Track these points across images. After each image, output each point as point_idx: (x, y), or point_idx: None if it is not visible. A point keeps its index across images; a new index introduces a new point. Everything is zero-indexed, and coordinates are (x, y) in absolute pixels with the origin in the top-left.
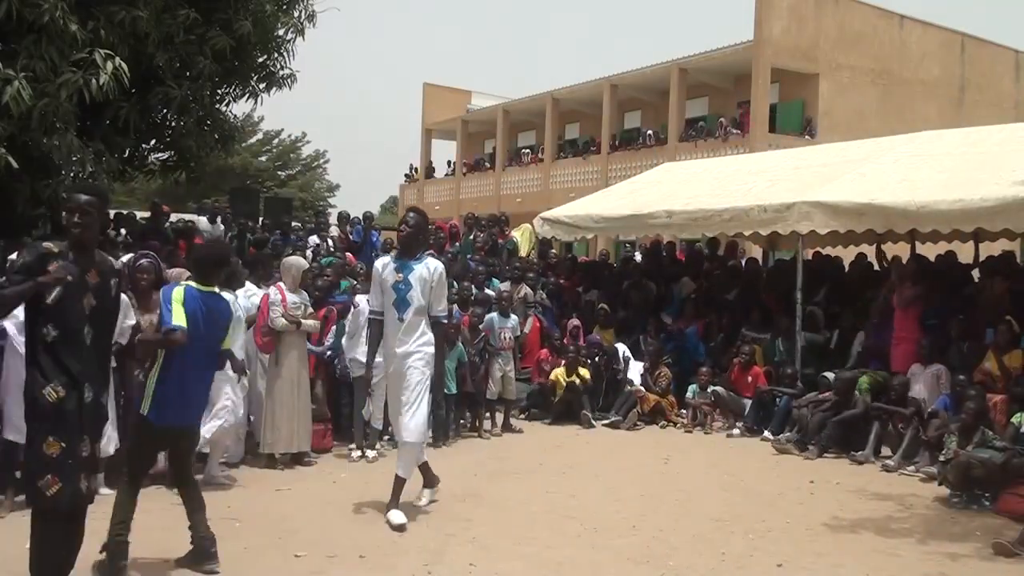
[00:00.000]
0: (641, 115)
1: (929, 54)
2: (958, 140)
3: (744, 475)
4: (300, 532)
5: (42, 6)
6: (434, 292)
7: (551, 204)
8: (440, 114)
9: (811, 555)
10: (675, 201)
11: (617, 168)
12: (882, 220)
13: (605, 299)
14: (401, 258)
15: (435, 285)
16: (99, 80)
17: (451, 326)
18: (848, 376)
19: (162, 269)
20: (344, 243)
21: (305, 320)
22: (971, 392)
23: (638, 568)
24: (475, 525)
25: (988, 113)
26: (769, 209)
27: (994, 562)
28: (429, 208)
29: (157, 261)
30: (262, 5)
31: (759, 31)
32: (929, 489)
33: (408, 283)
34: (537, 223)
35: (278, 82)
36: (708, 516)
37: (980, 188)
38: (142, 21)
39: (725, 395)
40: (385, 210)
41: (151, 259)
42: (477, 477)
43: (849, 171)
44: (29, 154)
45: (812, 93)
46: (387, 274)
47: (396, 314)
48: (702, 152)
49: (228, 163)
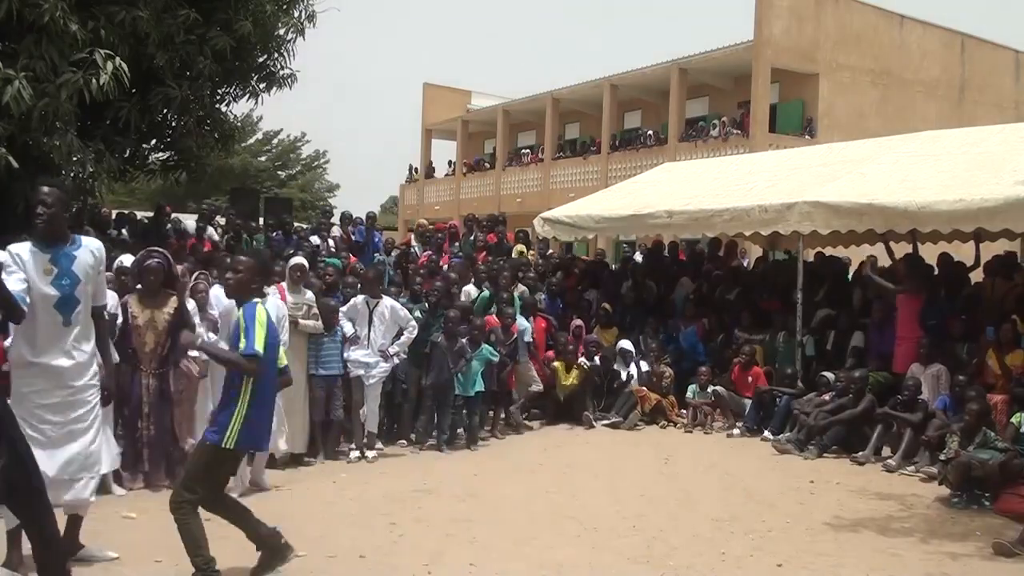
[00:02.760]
0: (641, 115)
1: (929, 54)
2: (958, 140)
3: (744, 475)
4: (300, 532)
5: (42, 6)
6: (100, 279)
7: (551, 204)
8: (440, 114)
9: (811, 555)
10: (675, 201)
11: (617, 168)
12: (882, 220)
13: (605, 299)
14: (50, 246)
15: (103, 270)
16: (99, 80)
17: (475, 327)
18: (859, 376)
19: (172, 267)
20: (347, 243)
21: (304, 320)
22: (972, 393)
23: (638, 568)
24: (475, 525)
25: (988, 113)
26: (770, 209)
27: (994, 562)
28: (429, 208)
29: (167, 259)
30: (262, 5)
31: (759, 31)
32: (929, 489)
33: (72, 275)
34: (537, 223)
35: (278, 82)
36: (708, 516)
37: (980, 188)
38: (142, 21)
39: (725, 395)
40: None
41: (159, 258)
42: (477, 477)
43: (849, 171)
44: (29, 154)
45: (812, 93)
46: (33, 270)
47: (60, 317)
48: (702, 152)
49: (228, 163)
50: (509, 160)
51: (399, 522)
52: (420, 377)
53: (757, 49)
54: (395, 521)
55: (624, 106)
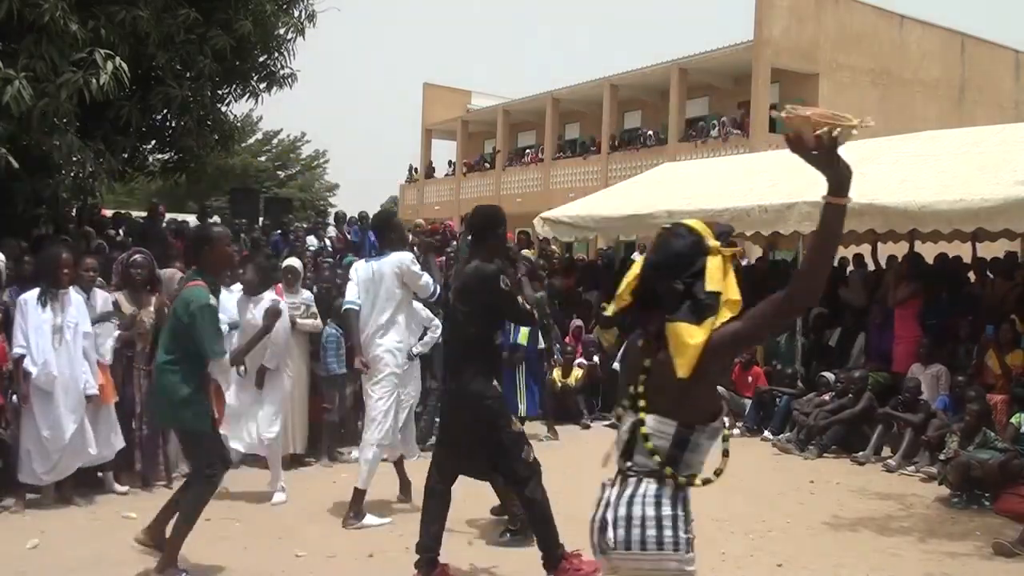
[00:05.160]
0: (641, 115)
1: (929, 54)
2: (958, 140)
3: (744, 475)
4: (300, 532)
5: (42, 6)
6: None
7: (551, 204)
8: (440, 114)
9: (811, 555)
10: (675, 201)
11: (617, 168)
12: (883, 220)
13: (605, 299)
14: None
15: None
16: (99, 80)
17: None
18: (859, 376)
19: (155, 267)
20: (342, 243)
21: (303, 320)
22: (972, 393)
23: None
24: (475, 525)
25: (988, 113)
26: (770, 209)
27: (994, 562)
28: (429, 208)
29: (150, 258)
30: (262, 5)
31: (759, 31)
32: (929, 489)
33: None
34: (537, 223)
35: (278, 82)
36: (708, 516)
37: (981, 188)
38: (142, 21)
39: (725, 395)
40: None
41: (144, 255)
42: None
43: None
44: (29, 154)
45: (812, 93)
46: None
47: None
48: (702, 152)
49: (228, 163)
50: (509, 160)
51: (399, 522)
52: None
53: (757, 49)
54: (395, 521)
55: (624, 106)
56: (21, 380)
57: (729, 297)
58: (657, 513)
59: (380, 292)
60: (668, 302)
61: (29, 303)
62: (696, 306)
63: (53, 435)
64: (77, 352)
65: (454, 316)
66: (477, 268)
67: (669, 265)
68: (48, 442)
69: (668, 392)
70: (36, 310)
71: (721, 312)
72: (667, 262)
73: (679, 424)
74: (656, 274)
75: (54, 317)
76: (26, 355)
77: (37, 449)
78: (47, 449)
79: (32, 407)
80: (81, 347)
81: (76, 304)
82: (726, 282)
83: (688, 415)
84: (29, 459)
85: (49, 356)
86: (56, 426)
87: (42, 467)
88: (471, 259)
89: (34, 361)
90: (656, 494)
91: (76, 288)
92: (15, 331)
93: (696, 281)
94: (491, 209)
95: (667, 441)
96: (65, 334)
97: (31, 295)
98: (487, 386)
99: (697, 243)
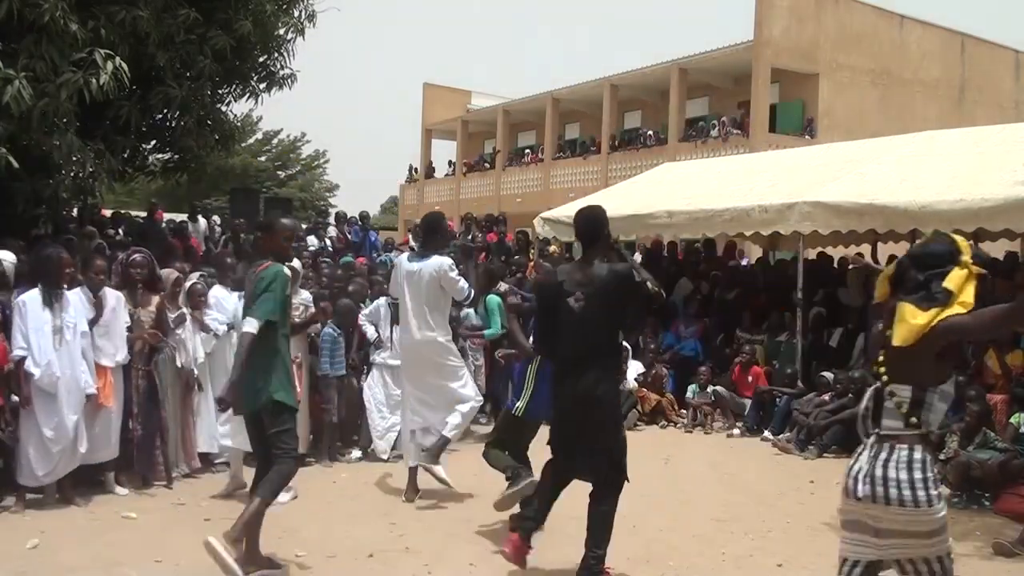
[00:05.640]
0: (641, 115)
1: (929, 54)
2: (958, 140)
3: (744, 475)
4: (300, 532)
5: (42, 6)
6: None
7: (551, 204)
8: (440, 114)
9: (811, 555)
10: (675, 201)
11: (617, 168)
12: (883, 220)
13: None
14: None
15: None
16: (99, 80)
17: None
18: (858, 376)
19: (155, 266)
20: (343, 243)
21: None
22: (972, 393)
23: (638, 568)
24: (475, 525)
25: (988, 113)
26: (770, 209)
27: (994, 562)
28: (429, 208)
29: (150, 258)
30: (262, 5)
31: (759, 31)
32: None
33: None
34: (537, 223)
35: (278, 82)
36: (708, 516)
37: (981, 188)
38: (142, 21)
39: (725, 395)
40: (385, 210)
41: (144, 255)
42: (477, 477)
43: (850, 171)
44: (29, 154)
45: (812, 93)
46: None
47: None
48: (702, 152)
49: (228, 163)
50: (509, 160)
51: (399, 522)
52: None
53: (757, 49)
54: (395, 521)
55: (624, 106)
56: (23, 382)
57: (963, 299)
58: (909, 476)
59: (421, 290)
60: (907, 287)
61: (28, 304)
62: (927, 296)
63: (57, 435)
64: (77, 352)
65: (581, 318)
66: (612, 270)
67: (921, 259)
68: (51, 442)
69: (902, 363)
70: (36, 311)
71: (953, 307)
72: (921, 256)
73: (913, 387)
74: (909, 261)
75: (54, 318)
76: (27, 357)
77: (38, 450)
78: (49, 449)
79: (33, 408)
80: (80, 347)
81: (75, 304)
82: (964, 288)
83: (921, 380)
84: (30, 462)
85: (51, 357)
86: (60, 426)
87: (43, 468)
88: (584, 262)
89: (36, 362)
90: (907, 459)
91: (83, 288)
92: (14, 332)
93: (935, 279)
94: (597, 210)
95: (906, 402)
96: (65, 334)
97: (30, 296)
98: (616, 388)
99: (952, 253)
